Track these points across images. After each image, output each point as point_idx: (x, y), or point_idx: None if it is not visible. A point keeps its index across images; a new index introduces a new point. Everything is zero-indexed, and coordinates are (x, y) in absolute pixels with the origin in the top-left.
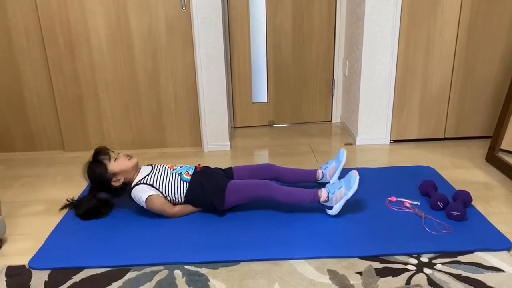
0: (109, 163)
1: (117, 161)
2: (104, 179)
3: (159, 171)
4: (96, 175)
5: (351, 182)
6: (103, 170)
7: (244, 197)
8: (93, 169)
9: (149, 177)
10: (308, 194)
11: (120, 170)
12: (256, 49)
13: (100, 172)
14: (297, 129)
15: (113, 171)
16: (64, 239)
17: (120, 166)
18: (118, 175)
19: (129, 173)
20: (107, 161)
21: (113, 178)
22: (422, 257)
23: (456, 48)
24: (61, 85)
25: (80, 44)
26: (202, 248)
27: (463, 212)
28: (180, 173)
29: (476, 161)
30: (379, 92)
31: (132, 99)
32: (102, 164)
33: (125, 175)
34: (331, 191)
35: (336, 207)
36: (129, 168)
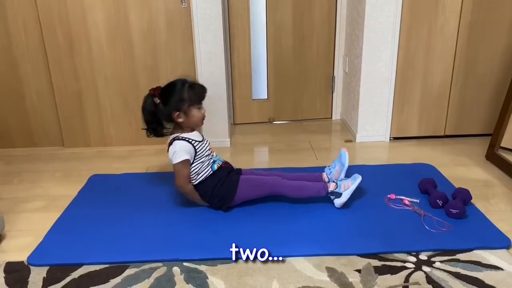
0: (196, 105)
1: (198, 112)
2: (179, 105)
3: (206, 146)
4: (180, 94)
5: (355, 177)
6: (188, 101)
7: (255, 193)
8: (185, 89)
9: (199, 145)
10: (317, 186)
11: (191, 119)
12: (256, 45)
13: (184, 98)
14: (297, 126)
15: (190, 112)
16: (63, 236)
17: (195, 117)
18: (186, 117)
19: (189, 125)
20: (198, 102)
21: (180, 111)
22: (421, 255)
23: (457, 45)
24: (60, 80)
25: (79, 39)
26: (201, 245)
27: (463, 210)
28: (214, 161)
29: (476, 159)
30: (379, 89)
31: (132, 95)
32: (195, 98)
33: (186, 123)
34: (339, 179)
35: (345, 193)
36: (194, 124)
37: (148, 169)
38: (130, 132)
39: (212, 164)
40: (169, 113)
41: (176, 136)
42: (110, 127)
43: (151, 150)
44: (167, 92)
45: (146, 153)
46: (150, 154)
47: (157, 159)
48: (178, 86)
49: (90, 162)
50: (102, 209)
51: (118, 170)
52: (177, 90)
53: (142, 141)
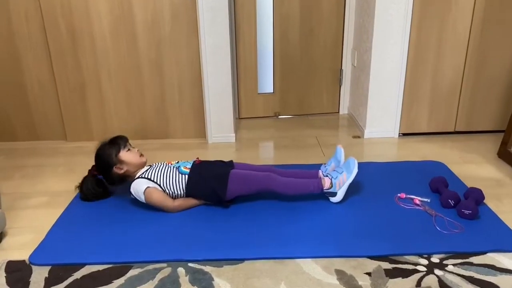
0: (122, 150)
1: (130, 152)
2: (110, 161)
3: (157, 167)
4: (105, 155)
5: (351, 166)
6: (113, 152)
7: (247, 187)
8: (105, 148)
9: (147, 172)
10: (311, 183)
11: (128, 161)
12: (263, 38)
13: (110, 153)
14: (303, 120)
15: (121, 158)
16: (65, 234)
17: (130, 157)
18: (123, 164)
19: (133, 167)
20: (122, 147)
21: (117, 164)
22: (432, 258)
23: (470, 40)
24: (63, 73)
25: (82, 31)
26: (206, 245)
27: (475, 210)
28: (178, 167)
29: (488, 156)
30: (388, 84)
31: (135, 89)
32: (115, 146)
33: (129, 168)
34: (334, 176)
35: (340, 192)
36: (136, 163)
37: None
38: (134, 126)
39: (178, 170)
40: (112, 175)
41: (129, 183)
42: (114, 120)
43: (154, 144)
44: (97, 162)
45: (149, 147)
46: (153, 148)
47: (160, 153)
48: (100, 151)
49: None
50: (105, 206)
51: None
52: (102, 152)
53: (145, 135)
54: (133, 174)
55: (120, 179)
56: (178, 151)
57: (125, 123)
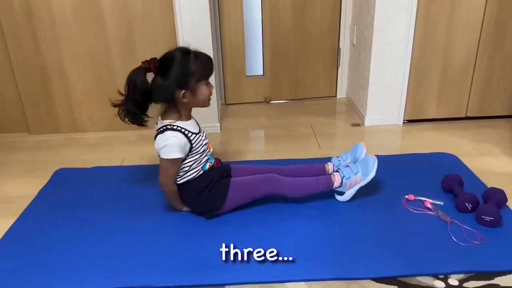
0: (204, 80)
1: (207, 87)
2: (184, 78)
3: (202, 142)
4: (188, 68)
5: (368, 168)
6: (197, 73)
7: (248, 196)
8: (192, 61)
9: (196, 138)
10: (320, 183)
11: (200, 96)
12: (250, 12)
13: (192, 71)
14: (297, 106)
15: (198, 88)
16: (11, 255)
17: (204, 93)
18: (192, 96)
19: (195, 105)
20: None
21: (187, 89)
22: (450, 279)
23: (485, 15)
24: (20, 57)
25: (39, 8)
26: (179, 267)
27: (498, 217)
28: (208, 160)
29: (505, 146)
30: (392, 65)
31: (105, 73)
32: (204, 69)
33: (192, 103)
34: (346, 175)
35: (348, 193)
36: (202, 103)
37: (123, 161)
38: (105, 116)
39: (204, 164)
40: (170, 91)
41: (168, 124)
42: (82, 110)
43: (130, 137)
44: (166, 64)
45: (123, 140)
46: (128, 141)
47: (135, 148)
48: (180, 57)
49: (58, 152)
50: (64, 215)
51: (89, 162)
52: (180, 62)
53: (119, 126)
54: (182, 115)
55: (166, 102)
56: None
57: (96, 113)
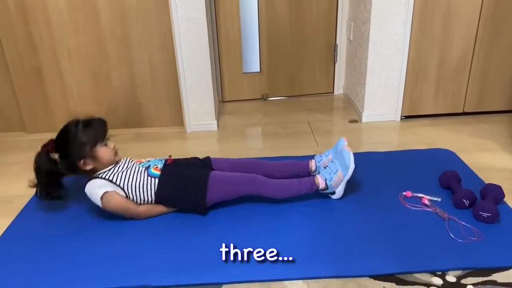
0: (99, 143)
1: (105, 148)
2: (79, 153)
3: (122, 165)
4: (77, 142)
5: (346, 162)
6: (88, 143)
7: (229, 192)
8: (79, 133)
9: (109, 172)
10: (304, 185)
11: (101, 158)
12: (246, 9)
13: (83, 142)
14: (294, 103)
15: (95, 154)
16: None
17: (104, 155)
18: (93, 161)
19: (102, 167)
20: (100, 140)
21: (85, 159)
22: (448, 275)
23: (482, 9)
24: (15, 55)
25: (34, 5)
26: (176, 266)
27: (495, 213)
28: (147, 167)
29: (503, 141)
30: (389, 60)
31: (101, 71)
32: (93, 137)
33: (97, 166)
34: (328, 178)
35: (338, 191)
36: (107, 163)
37: None
38: (101, 114)
39: (147, 171)
40: (72, 165)
41: (84, 182)
42: (78, 108)
43: (126, 135)
44: (61, 142)
45: (119, 139)
46: (125, 139)
47: (133, 146)
48: (72, 130)
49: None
50: (61, 215)
51: None
52: (73, 136)
53: (116, 124)
54: (95, 174)
55: (77, 172)
56: (153, 142)
57: (91, 111)
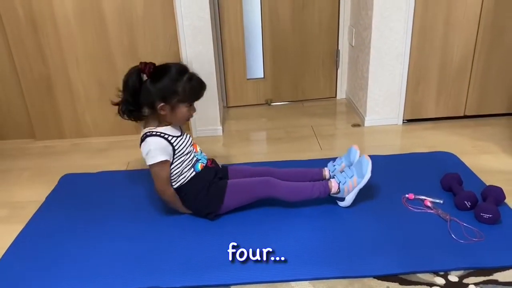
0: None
1: (188, 110)
2: (167, 93)
3: (186, 141)
4: (169, 80)
5: (363, 169)
6: (181, 93)
7: (244, 198)
8: (178, 75)
9: (177, 140)
10: (317, 188)
11: (178, 115)
12: (250, 16)
13: (178, 90)
14: (297, 107)
15: (177, 108)
16: (23, 257)
17: (181, 114)
18: (171, 112)
19: (173, 121)
20: (192, 101)
21: (167, 103)
22: (450, 275)
23: (482, 12)
24: (25, 64)
25: (43, 15)
26: (184, 268)
27: (496, 214)
28: (198, 160)
29: (503, 144)
30: (391, 65)
31: (109, 79)
32: (188, 90)
33: (169, 119)
34: (342, 181)
35: (349, 198)
36: (178, 121)
37: (129, 165)
38: (109, 121)
39: (195, 164)
40: (152, 99)
41: (148, 131)
42: (86, 115)
43: (134, 141)
44: (160, 73)
45: (127, 144)
46: (132, 145)
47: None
48: (175, 73)
49: (64, 157)
50: (72, 220)
51: (95, 167)
52: (172, 78)
53: (123, 130)
54: (161, 123)
55: (147, 108)
56: None
57: (99, 117)
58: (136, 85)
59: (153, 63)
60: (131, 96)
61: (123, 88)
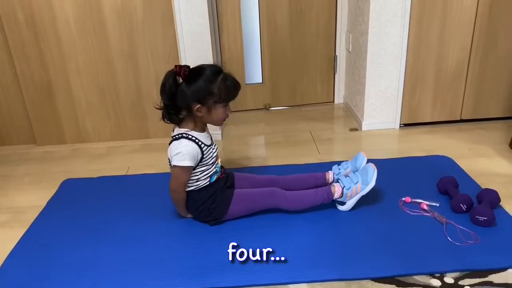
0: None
1: (224, 110)
2: (203, 94)
3: (212, 154)
4: (205, 81)
5: (368, 177)
6: (217, 94)
7: (248, 209)
8: (213, 76)
9: (207, 150)
10: (321, 195)
11: (214, 116)
12: (248, 22)
13: (214, 91)
14: (296, 112)
15: (214, 108)
16: (24, 262)
17: (218, 114)
18: (208, 113)
19: (209, 122)
20: (228, 100)
21: (203, 104)
22: (446, 277)
23: (477, 18)
24: (26, 70)
25: (44, 22)
26: (183, 272)
27: (491, 217)
28: (216, 172)
29: (499, 147)
30: (388, 70)
31: (108, 84)
32: (226, 92)
33: (206, 120)
34: (346, 186)
35: (349, 203)
36: (215, 122)
37: (129, 170)
38: (109, 126)
39: (213, 175)
40: (188, 101)
41: (184, 132)
42: (86, 121)
43: (133, 146)
44: (195, 75)
45: (127, 149)
46: (132, 150)
47: (140, 157)
48: (208, 75)
49: (64, 162)
50: (73, 225)
51: (95, 172)
52: (207, 79)
53: (123, 135)
54: (197, 125)
55: (184, 109)
56: (159, 152)
57: (99, 123)
58: (173, 88)
59: (187, 66)
60: (169, 100)
61: (161, 92)
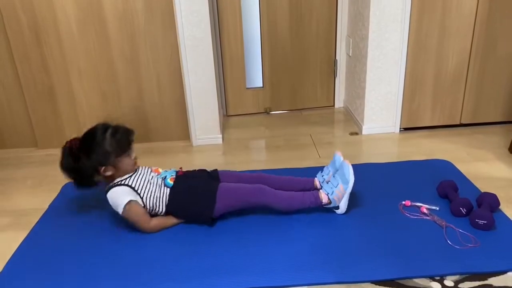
0: (124, 154)
1: (128, 158)
2: (102, 157)
3: (142, 173)
4: (97, 145)
5: (346, 175)
6: (114, 152)
7: (236, 202)
8: (107, 139)
9: (132, 179)
10: (308, 197)
11: (122, 167)
12: (249, 27)
13: (108, 150)
14: (296, 116)
15: (118, 163)
16: (26, 265)
17: (125, 164)
18: (114, 169)
19: (121, 174)
20: (126, 151)
21: (106, 166)
22: (446, 280)
23: (476, 23)
24: (28, 74)
25: (46, 26)
26: (183, 276)
27: (491, 220)
28: (164, 178)
29: (498, 151)
30: (387, 75)
31: (110, 88)
32: (120, 146)
33: (116, 174)
34: (329, 192)
35: (342, 205)
36: (126, 171)
37: None
38: None
39: (165, 181)
40: (93, 169)
41: (109, 187)
42: (88, 124)
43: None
44: (87, 144)
45: None
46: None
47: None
48: (99, 136)
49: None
50: (75, 228)
51: None
52: (99, 141)
53: None
54: (115, 179)
55: (94, 175)
56: (160, 156)
57: None
58: (73, 165)
59: (76, 138)
60: (76, 174)
61: (61, 170)
